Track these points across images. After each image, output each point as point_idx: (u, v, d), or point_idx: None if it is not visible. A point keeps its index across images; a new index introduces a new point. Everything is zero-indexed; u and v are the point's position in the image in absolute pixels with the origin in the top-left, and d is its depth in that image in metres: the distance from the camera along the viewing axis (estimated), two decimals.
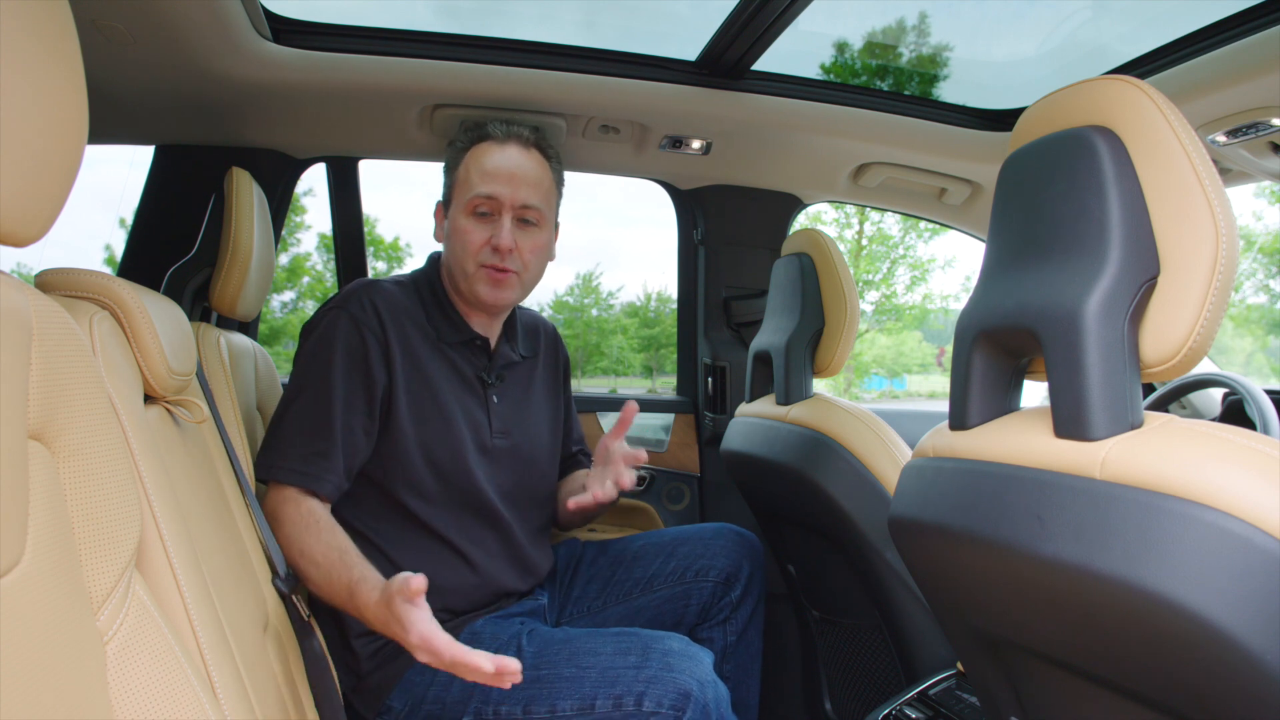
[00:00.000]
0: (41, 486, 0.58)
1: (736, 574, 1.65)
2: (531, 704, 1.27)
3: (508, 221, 1.49)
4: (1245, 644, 0.64)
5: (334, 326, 1.41)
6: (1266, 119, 1.55)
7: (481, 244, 1.48)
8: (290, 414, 1.37)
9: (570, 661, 1.29)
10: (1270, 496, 0.65)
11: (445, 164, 1.60)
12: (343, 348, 1.39)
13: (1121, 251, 0.76)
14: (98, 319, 0.78)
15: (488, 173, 1.50)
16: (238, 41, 1.52)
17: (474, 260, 1.48)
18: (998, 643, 0.97)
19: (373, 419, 1.40)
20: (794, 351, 1.71)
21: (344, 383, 1.38)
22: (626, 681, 1.24)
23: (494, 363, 1.56)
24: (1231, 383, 1.69)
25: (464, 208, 1.50)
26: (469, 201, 1.49)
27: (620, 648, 1.30)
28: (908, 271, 16.66)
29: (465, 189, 1.51)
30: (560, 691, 1.26)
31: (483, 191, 1.49)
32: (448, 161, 1.59)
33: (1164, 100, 0.77)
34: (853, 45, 2.68)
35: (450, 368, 1.50)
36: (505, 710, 1.29)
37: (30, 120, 0.57)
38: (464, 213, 1.50)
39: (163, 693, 0.66)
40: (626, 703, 1.23)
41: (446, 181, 1.58)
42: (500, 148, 1.53)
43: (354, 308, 1.43)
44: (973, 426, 0.93)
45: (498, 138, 1.54)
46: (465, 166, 1.53)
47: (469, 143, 1.55)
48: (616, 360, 15.43)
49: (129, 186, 2.19)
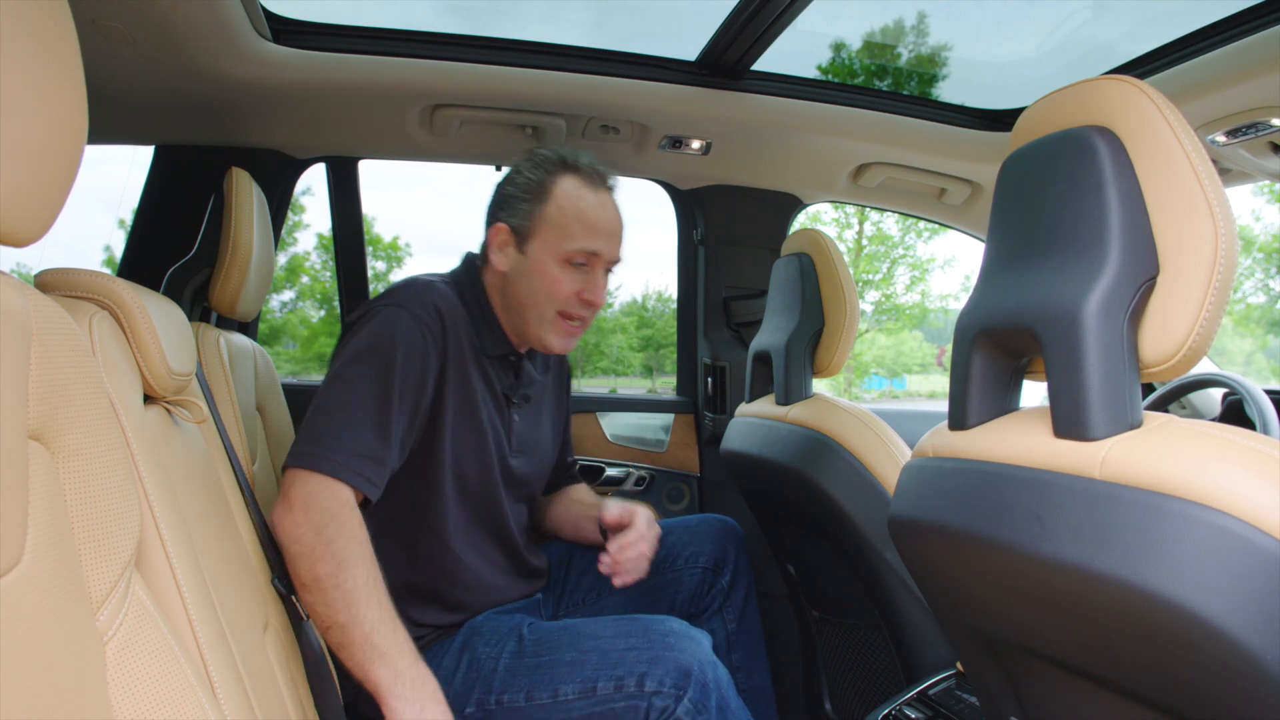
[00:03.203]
0: (41, 487, 0.58)
1: (724, 560, 1.66)
2: (534, 690, 1.28)
3: (601, 276, 1.45)
4: (1244, 644, 0.64)
5: (395, 323, 1.32)
6: (1266, 119, 1.55)
7: (570, 294, 1.42)
8: (354, 405, 1.25)
9: (571, 646, 1.30)
10: (1269, 496, 0.65)
11: (518, 185, 1.46)
12: (404, 349, 1.30)
13: (1121, 251, 0.76)
14: (97, 319, 0.78)
15: (593, 227, 1.43)
16: (237, 41, 1.52)
17: (555, 308, 1.43)
18: (997, 643, 0.97)
19: (413, 430, 1.33)
20: (794, 351, 1.71)
21: (400, 387, 1.29)
22: (629, 663, 1.25)
23: (520, 381, 1.52)
24: (1231, 383, 1.69)
25: (559, 255, 1.42)
26: (569, 252, 1.42)
27: (620, 630, 1.31)
28: (907, 271, 16.66)
29: (563, 237, 1.42)
30: (562, 676, 1.27)
31: (588, 248, 1.42)
32: (522, 185, 1.46)
33: (1163, 100, 0.77)
34: (852, 45, 2.68)
35: (486, 383, 1.45)
36: (508, 699, 1.29)
37: (30, 120, 0.57)
38: (557, 259, 1.42)
39: (162, 692, 0.66)
40: (628, 684, 1.24)
41: (524, 209, 1.44)
42: (594, 194, 1.45)
43: (418, 309, 1.34)
44: (972, 426, 0.93)
45: (587, 178, 1.46)
46: (558, 207, 1.43)
47: (552, 170, 1.45)
48: (616, 360, 15.42)
49: (129, 186, 2.19)
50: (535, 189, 1.44)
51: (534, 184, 1.45)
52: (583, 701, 1.26)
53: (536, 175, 1.45)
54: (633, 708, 1.24)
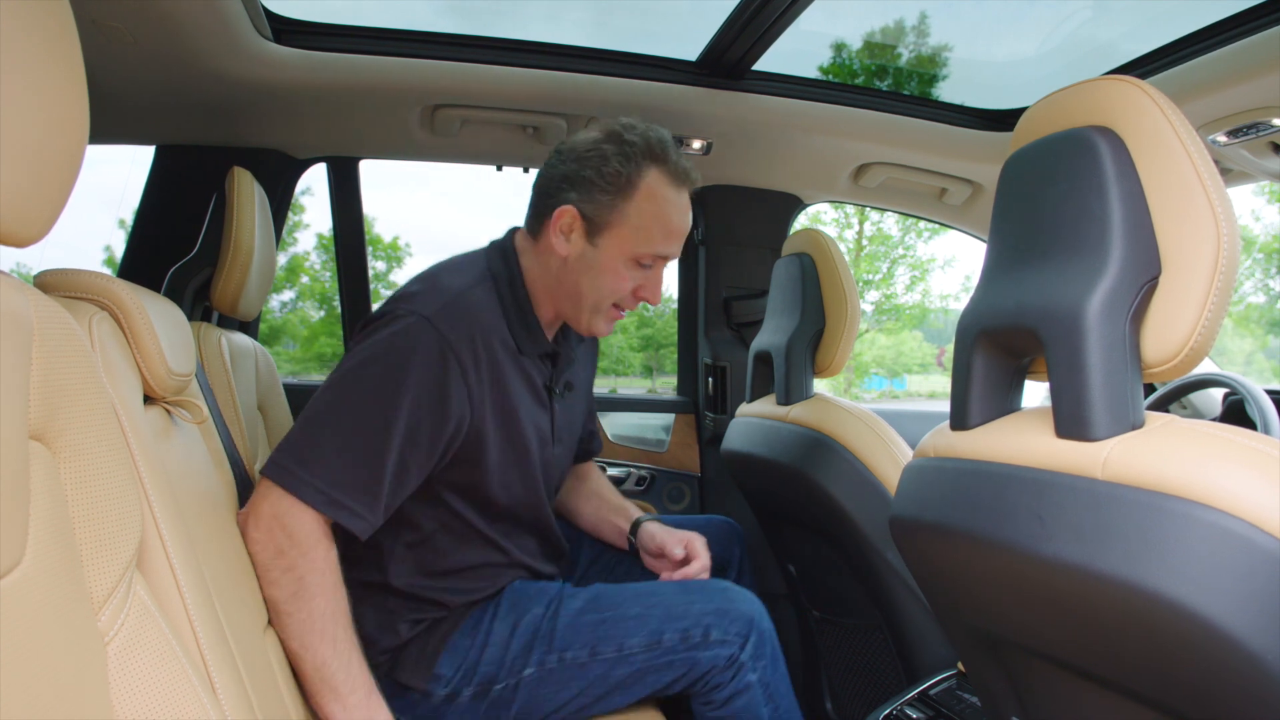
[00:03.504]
0: (42, 487, 0.58)
1: (729, 560, 1.67)
2: (599, 645, 1.30)
3: (660, 274, 1.40)
4: (1245, 644, 0.64)
5: (415, 339, 1.20)
6: (1267, 119, 1.55)
7: (629, 291, 1.36)
8: (351, 427, 1.16)
9: (636, 601, 1.34)
10: (1271, 496, 0.65)
11: (602, 174, 1.32)
12: (420, 370, 1.19)
13: (1123, 251, 0.76)
14: (97, 320, 0.78)
15: (672, 232, 1.35)
16: (238, 41, 1.52)
17: (613, 301, 1.37)
18: (998, 643, 0.97)
19: (433, 455, 1.23)
20: (794, 351, 1.71)
21: (411, 412, 1.18)
22: (694, 615, 1.31)
23: (559, 370, 1.47)
24: (1232, 383, 1.69)
25: (632, 255, 1.33)
26: (642, 254, 1.34)
27: (680, 588, 1.37)
28: (908, 271, 16.66)
29: (642, 240, 1.33)
30: (628, 630, 1.31)
31: (662, 252, 1.35)
32: (608, 176, 1.31)
33: (1165, 100, 0.77)
34: (853, 45, 2.68)
35: (525, 380, 1.38)
36: (571, 655, 1.30)
37: (31, 120, 0.57)
38: (628, 258, 1.34)
39: (163, 692, 0.66)
40: (694, 634, 1.30)
41: (604, 200, 1.31)
42: (677, 194, 1.35)
43: (445, 327, 1.21)
44: (974, 426, 0.92)
45: (673, 174, 1.34)
46: (641, 209, 1.32)
47: (641, 164, 1.32)
48: (616, 360, 15.42)
49: (130, 186, 2.19)
50: (622, 184, 1.32)
51: (622, 178, 1.32)
52: (646, 654, 1.30)
53: (625, 169, 1.32)
54: (693, 659, 1.30)
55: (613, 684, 1.31)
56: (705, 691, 1.33)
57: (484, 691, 1.30)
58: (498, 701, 1.30)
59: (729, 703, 1.32)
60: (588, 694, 1.31)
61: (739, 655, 1.31)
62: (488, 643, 1.32)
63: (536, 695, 1.30)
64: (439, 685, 1.30)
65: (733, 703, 1.32)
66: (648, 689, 1.32)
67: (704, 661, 1.31)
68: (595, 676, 1.31)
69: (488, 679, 1.30)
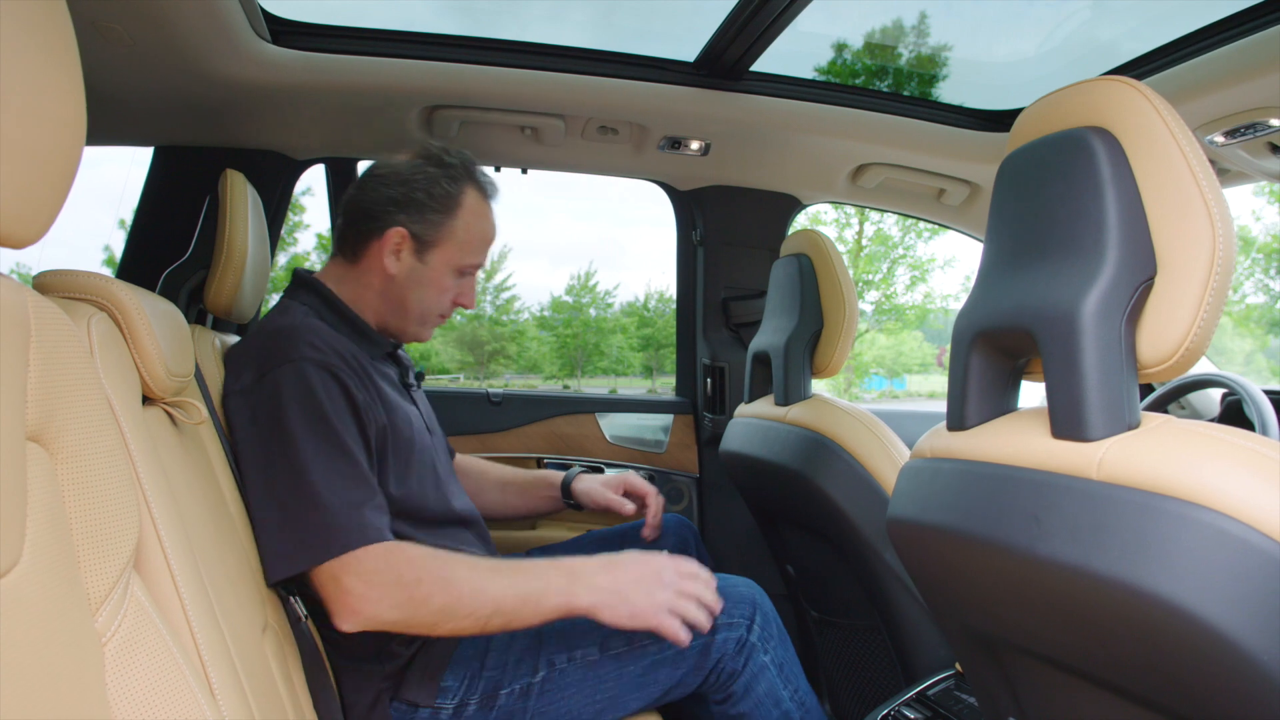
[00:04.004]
0: (40, 488, 0.58)
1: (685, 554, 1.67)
2: (609, 640, 1.32)
3: (474, 281, 1.52)
4: (1242, 644, 0.64)
5: (302, 377, 1.22)
6: (1265, 119, 1.55)
7: (450, 300, 1.48)
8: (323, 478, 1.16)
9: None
10: (1268, 497, 0.65)
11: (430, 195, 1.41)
12: (326, 398, 1.22)
13: (1118, 252, 0.76)
14: (95, 320, 0.78)
15: (489, 242, 1.49)
16: (236, 43, 1.52)
17: (439, 311, 1.48)
18: (995, 643, 0.97)
19: (373, 463, 1.28)
20: (793, 352, 1.71)
21: (346, 435, 1.22)
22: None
23: (404, 368, 1.55)
24: (1230, 383, 1.69)
25: (455, 268, 1.45)
26: (465, 266, 1.46)
27: None
28: (907, 272, 16.67)
29: (466, 252, 1.44)
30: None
31: (480, 261, 1.48)
32: (438, 196, 1.41)
33: (1161, 101, 0.77)
34: (852, 45, 2.68)
35: (387, 380, 1.43)
36: (581, 654, 1.31)
37: (29, 121, 0.57)
38: (452, 271, 1.45)
39: (161, 693, 0.66)
40: None
41: (433, 220, 1.41)
42: (489, 208, 1.48)
43: (314, 355, 1.24)
44: (970, 427, 0.93)
45: (485, 191, 1.47)
46: (465, 224, 1.43)
47: (462, 183, 1.43)
48: (616, 360, 15.42)
49: (130, 186, 2.19)
50: (448, 202, 1.42)
51: (448, 197, 1.42)
52: (657, 644, 1.31)
53: (452, 189, 1.42)
54: (702, 645, 1.32)
55: (625, 680, 1.32)
56: (721, 684, 1.34)
57: (490, 701, 1.29)
58: (507, 711, 1.29)
59: (749, 693, 1.33)
60: (601, 695, 1.31)
61: (747, 637, 1.33)
62: (489, 648, 1.32)
63: (549, 700, 1.30)
64: (446, 698, 1.30)
65: (753, 691, 1.34)
66: (661, 687, 1.33)
67: (714, 648, 1.32)
68: (608, 675, 1.31)
69: (493, 685, 1.30)
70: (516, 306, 17.90)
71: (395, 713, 1.28)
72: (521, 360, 17.86)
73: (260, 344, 1.29)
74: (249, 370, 1.25)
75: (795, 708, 1.36)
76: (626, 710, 1.33)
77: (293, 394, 1.21)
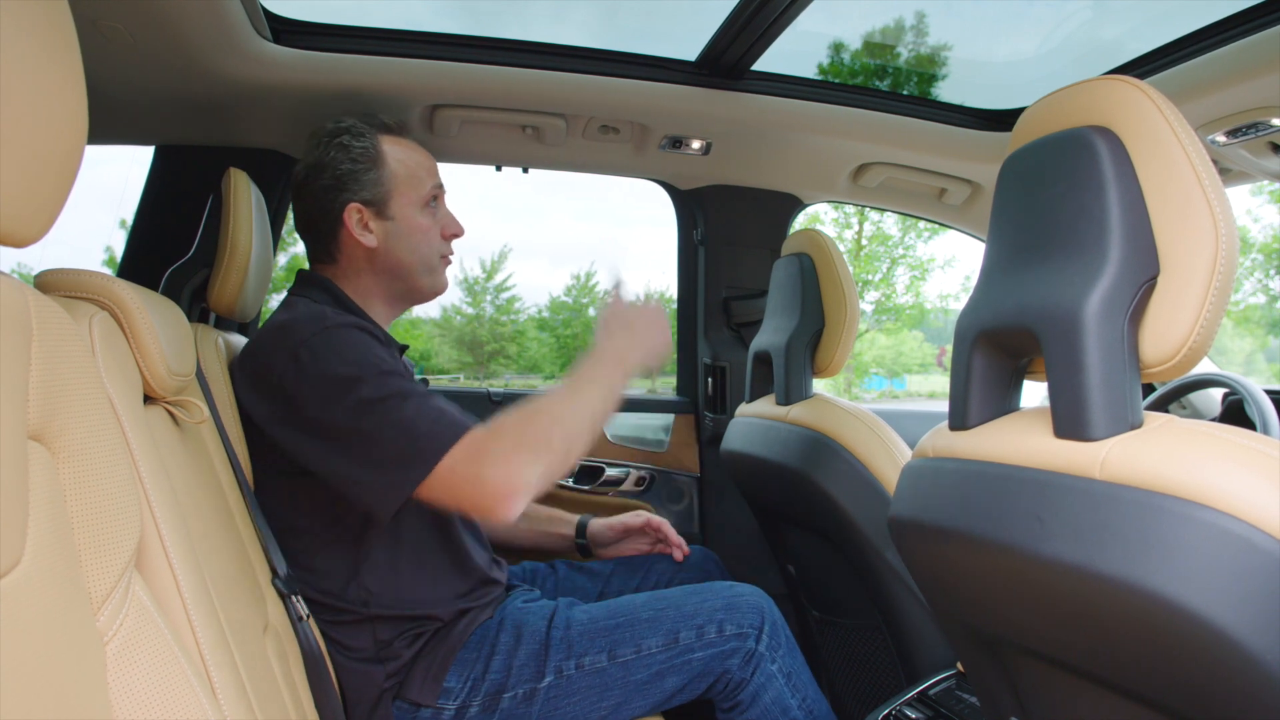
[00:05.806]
0: (41, 487, 0.58)
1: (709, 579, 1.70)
2: (617, 648, 1.33)
3: (445, 206, 1.52)
4: (1244, 644, 0.64)
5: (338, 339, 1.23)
6: (1266, 119, 1.55)
7: (440, 235, 1.48)
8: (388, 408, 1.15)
9: (646, 606, 1.38)
10: (1270, 497, 0.65)
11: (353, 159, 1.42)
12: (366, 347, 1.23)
13: (1121, 251, 0.76)
14: (97, 319, 0.78)
15: (428, 166, 1.49)
16: (238, 42, 1.52)
17: (438, 252, 1.48)
18: (997, 643, 0.97)
19: None
20: (794, 351, 1.71)
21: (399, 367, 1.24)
22: (706, 613, 1.36)
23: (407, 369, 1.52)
24: (1231, 383, 1.69)
25: (419, 204, 1.45)
26: (424, 196, 1.45)
27: (686, 591, 1.42)
28: (907, 271, 16.67)
29: (414, 184, 1.45)
30: (644, 632, 1.34)
31: (437, 183, 1.48)
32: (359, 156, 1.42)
33: (1163, 100, 0.77)
34: (852, 45, 2.68)
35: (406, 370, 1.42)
36: (589, 661, 1.32)
37: (30, 121, 0.57)
38: (418, 207, 1.44)
39: (162, 693, 0.66)
40: (709, 631, 1.34)
41: (370, 178, 1.42)
42: (410, 141, 1.50)
43: (335, 318, 1.27)
44: (972, 427, 0.92)
45: (396, 129, 1.50)
46: (398, 160, 1.44)
47: (373, 132, 1.45)
48: None
49: (131, 185, 2.19)
50: (370, 156, 1.43)
51: (370, 151, 1.43)
52: (665, 653, 1.33)
53: (367, 143, 1.44)
54: (710, 654, 1.33)
55: (631, 688, 1.32)
56: (729, 693, 1.35)
57: (492, 703, 1.29)
58: (510, 715, 1.29)
59: (755, 701, 1.34)
60: (607, 701, 1.31)
61: (755, 647, 1.35)
62: (493, 652, 1.32)
63: (554, 706, 1.30)
64: (448, 699, 1.30)
65: (760, 700, 1.35)
66: (667, 693, 1.33)
67: (722, 657, 1.33)
68: (614, 680, 1.31)
69: (496, 688, 1.30)
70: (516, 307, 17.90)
71: (397, 712, 1.28)
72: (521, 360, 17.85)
73: (281, 333, 1.26)
74: (279, 355, 1.23)
75: (804, 716, 1.37)
76: (633, 713, 1.33)
77: (336, 350, 1.21)
